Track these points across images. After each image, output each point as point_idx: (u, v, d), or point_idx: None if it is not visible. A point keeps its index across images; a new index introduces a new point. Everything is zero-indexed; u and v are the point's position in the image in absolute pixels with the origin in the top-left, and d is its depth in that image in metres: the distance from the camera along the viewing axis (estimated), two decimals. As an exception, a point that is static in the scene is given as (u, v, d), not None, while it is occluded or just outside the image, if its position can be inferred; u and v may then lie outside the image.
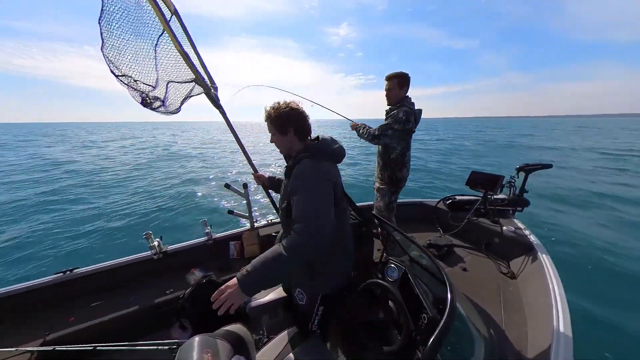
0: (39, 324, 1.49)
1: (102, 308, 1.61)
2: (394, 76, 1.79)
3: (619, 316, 2.51)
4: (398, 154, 1.87)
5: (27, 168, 11.48)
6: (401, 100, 1.82)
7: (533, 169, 2.31)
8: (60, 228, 5.20)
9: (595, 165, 10.22)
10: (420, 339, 0.94)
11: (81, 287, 1.72)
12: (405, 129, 1.77)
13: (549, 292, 1.39)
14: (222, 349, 0.83)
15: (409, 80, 1.81)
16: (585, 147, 15.57)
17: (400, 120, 1.74)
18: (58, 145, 23.00)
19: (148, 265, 1.90)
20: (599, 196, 6.22)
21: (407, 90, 1.84)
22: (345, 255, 1.13)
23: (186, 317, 1.60)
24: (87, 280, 1.73)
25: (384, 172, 1.97)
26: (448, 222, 2.50)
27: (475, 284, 1.76)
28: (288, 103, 0.99)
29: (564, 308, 1.25)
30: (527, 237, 1.96)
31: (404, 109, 1.75)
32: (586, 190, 6.67)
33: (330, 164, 1.01)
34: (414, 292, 1.06)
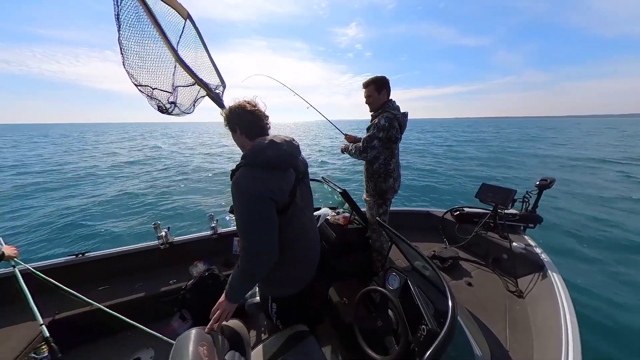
0: (50, 303, 1.56)
1: (107, 293, 1.67)
2: (370, 82, 1.71)
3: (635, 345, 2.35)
4: (381, 163, 1.74)
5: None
6: (382, 105, 1.71)
7: (548, 186, 2.22)
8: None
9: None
10: (417, 351, 0.91)
11: (91, 270, 1.79)
12: (388, 136, 1.65)
13: (558, 313, 1.32)
14: (218, 343, 0.85)
15: (387, 83, 1.70)
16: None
17: (383, 127, 1.62)
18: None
19: (154, 254, 1.96)
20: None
21: (388, 94, 1.73)
22: (295, 263, 1.04)
23: (187, 308, 1.64)
24: (97, 264, 1.80)
25: (369, 183, 1.86)
26: (455, 234, 2.44)
27: (480, 300, 1.70)
28: (243, 101, 0.95)
29: (574, 331, 1.19)
30: (537, 255, 1.88)
31: (385, 115, 1.65)
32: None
33: (267, 172, 0.89)
34: (415, 302, 1.04)
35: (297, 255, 1.04)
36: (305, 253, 1.08)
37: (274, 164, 0.90)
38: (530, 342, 1.36)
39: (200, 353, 0.72)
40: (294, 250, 1.01)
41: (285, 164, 0.93)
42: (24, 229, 4.95)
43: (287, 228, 0.95)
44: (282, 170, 0.93)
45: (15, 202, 6.51)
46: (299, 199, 1.00)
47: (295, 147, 1.00)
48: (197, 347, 0.74)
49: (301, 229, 1.03)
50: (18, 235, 4.72)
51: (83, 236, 4.66)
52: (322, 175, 2.30)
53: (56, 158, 15.16)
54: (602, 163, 11.83)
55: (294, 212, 0.96)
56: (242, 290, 0.94)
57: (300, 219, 1.00)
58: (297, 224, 0.99)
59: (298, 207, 0.98)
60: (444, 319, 0.78)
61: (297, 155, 1.02)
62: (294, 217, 0.97)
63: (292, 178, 0.96)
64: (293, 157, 0.97)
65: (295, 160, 1.00)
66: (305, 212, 1.05)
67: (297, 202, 0.98)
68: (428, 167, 11.44)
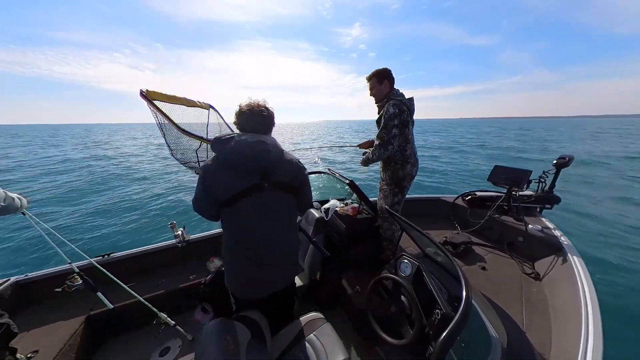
0: (85, 300, 1.69)
1: (134, 290, 1.78)
2: (372, 75, 1.73)
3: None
4: (396, 150, 1.73)
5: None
6: (386, 95, 1.72)
7: (567, 164, 2.12)
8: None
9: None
10: (432, 334, 0.93)
11: (116, 270, 1.91)
12: (401, 120, 1.64)
13: (578, 295, 1.29)
14: (241, 332, 0.89)
15: (388, 74, 1.71)
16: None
17: (394, 114, 1.61)
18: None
19: (173, 253, 2.05)
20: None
21: (391, 85, 1.73)
22: (234, 259, 1.05)
23: (207, 301, 1.72)
24: (121, 264, 1.92)
25: (385, 171, 1.84)
26: (467, 219, 2.40)
27: (495, 284, 1.68)
28: (243, 104, 1.03)
29: (595, 312, 1.16)
30: (555, 237, 1.82)
31: (392, 102, 1.64)
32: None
33: (216, 168, 0.93)
34: (428, 287, 1.05)
35: (235, 252, 1.05)
36: (244, 254, 1.03)
37: (224, 163, 0.93)
38: (549, 324, 1.34)
39: (225, 341, 0.77)
40: (232, 244, 1.05)
41: (241, 167, 0.93)
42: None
43: (228, 220, 1.01)
44: (234, 170, 0.94)
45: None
46: (249, 204, 0.96)
47: (264, 152, 0.94)
48: (222, 335, 0.79)
49: (240, 230, 1.01)
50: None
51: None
52: (328, 167, 2.30)
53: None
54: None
55: (234, 211, 0.96)
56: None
57: (242, 220, 0.98)
58: (235, 224, 1.00)
59: (241, 211, 0.96)
60: (458, 303, 0.78)
61: (265, 161, 0.95)
62: (233, 216, 0.98)
63: (245, 183, 0.94)
64: (256, 161, 0.93)
65: (261, 166, 0.96)
66: (254, 220, 0.99)
67: (240, 206, 0.95)
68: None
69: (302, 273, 1.76)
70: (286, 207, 1.08)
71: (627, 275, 2.97)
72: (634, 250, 3.44)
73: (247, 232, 1.01)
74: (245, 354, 0.85)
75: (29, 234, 4.67)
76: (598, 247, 3.61)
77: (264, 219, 1.01)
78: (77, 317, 1.54)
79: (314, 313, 1.30)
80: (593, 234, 4.02)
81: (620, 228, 4.17)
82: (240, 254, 1.04)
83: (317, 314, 1.29)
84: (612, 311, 2.44)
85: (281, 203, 1.05)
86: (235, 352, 0.79)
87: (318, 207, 2.24)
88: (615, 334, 2.18)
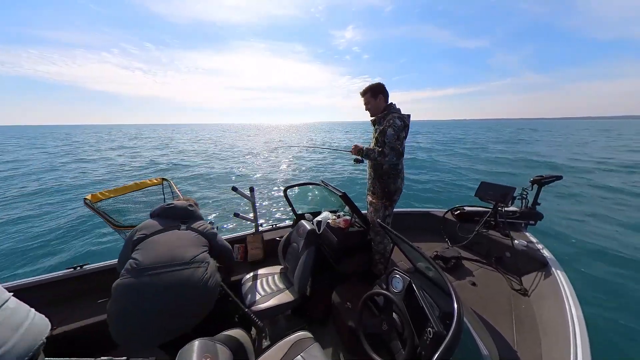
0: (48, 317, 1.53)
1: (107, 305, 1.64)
2: (366, 90, 1.77)
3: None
4: (392, 164, 1.73)
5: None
6: (386, 108, 1.75)
7: (548, 182, 2.23)
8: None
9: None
10: (424, 355, 0.90)
11: (90, 283, 1.76)
12: (403, 135, 1.67)
13: (564, 311, 1.31)
14: (222, 354, 0.83)
15: (382, 88, 1.74)
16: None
17: (400, 127, 1.63)
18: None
19: None
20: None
21: (386, 99, 1.76)
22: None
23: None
24: (96, 277, 1.77)
25: (376, 184, 1.82)
26: (456, 233, 2.43)
27: (485, 300, 1.68)
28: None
29: (581, 328, 1.18)
30: (540, 252, 1.88)
31: (397, 116, 1.66)
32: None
33: (152, 220, 1.34)
34: (419, 304, 1.03)
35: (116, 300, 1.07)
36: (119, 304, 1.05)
37: (160, 218, 1.38)
38: (538, 341, 1.35)
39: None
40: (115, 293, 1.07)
41: (168, 218, 1.38)
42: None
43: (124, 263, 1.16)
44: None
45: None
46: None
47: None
48: (201, 358, 0.72)
49: (122, 277, 1.10)
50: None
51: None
52: (321, 179, 2.30)
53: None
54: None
55: (135, 254, 1.16)
56: None
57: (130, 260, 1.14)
58: (124, 270, 1.12)
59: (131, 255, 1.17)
60: (449, 320, 0.77)
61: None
62: (131, 258, 1.15)
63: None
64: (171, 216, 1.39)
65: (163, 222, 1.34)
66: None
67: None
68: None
69: (291, 288, 1.70)
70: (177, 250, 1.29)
71: (608, 285, 3.07)
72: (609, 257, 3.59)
73: (120, 285, 1.17)
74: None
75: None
76: (577, 257, 3.74)
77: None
78: None
79: (302, 332, 1.23)
80: (570, 244, 4.19)
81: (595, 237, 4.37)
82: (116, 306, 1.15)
83: (306, 333, 1.23)
84: (596, 324, 2.48)
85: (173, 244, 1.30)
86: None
87: (310, 219, 2.21)
88: (602, 349, 2.21)
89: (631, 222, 5.09)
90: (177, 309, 1.05)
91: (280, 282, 1.77)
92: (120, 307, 1.02)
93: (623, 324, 2.51)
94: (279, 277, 1.83)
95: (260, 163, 13.80)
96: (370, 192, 1.92)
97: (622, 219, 5.25)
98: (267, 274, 1.86)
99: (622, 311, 2.69)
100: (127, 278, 1.06)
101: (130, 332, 1.01)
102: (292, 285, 1.70)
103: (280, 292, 1.66)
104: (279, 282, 1.78)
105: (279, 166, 12.64)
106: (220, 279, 1.25)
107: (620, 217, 5.32)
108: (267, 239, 2.32)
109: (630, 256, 3.75)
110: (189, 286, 1.09)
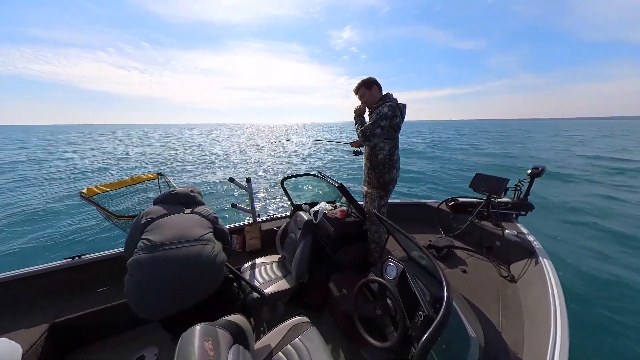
0: (50, 306, 1.56)
1: (107, 293, 1.67)
2: (359, 85, 1.77)
3: (618, 325, 2.49)
4: (386, 154, 1.75)
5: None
6: (382, 98, 1.74)
7: (540, 174, 2.28)
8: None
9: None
10: (415, 336, 0.95)
11: (89, 273, 1.78)
12: (392, 124, 1.66)
13: (548, 297, 1.38)
14: (222, 337, 0.86)
15: (374, 80, 1.75)
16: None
17: (386, 115, 1.61)
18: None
19: None
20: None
21: (380, 90, 1.76)
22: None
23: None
24: (95, 266, 1.79)
25: (371, 174, 1.84)
26: (450, 223, 2.49)
27: (474, 286, 1.76)
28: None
29: (562, 314, 1.25)
30: (529, 242, 1.95)
31: (388, 104, 1.65)
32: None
33: (156, 206, 1.39)
34: (412, 290, 1.07)
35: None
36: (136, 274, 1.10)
37: (164, 204, 1.44)
38: (522, 324, 1.43)
39: (205, 348, 0.73)
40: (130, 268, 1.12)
41: (170, 202, 1.44)
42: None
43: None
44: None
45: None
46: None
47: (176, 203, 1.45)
48: (202, 342, 0.75)
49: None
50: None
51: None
52: (318, 170, 2.31)
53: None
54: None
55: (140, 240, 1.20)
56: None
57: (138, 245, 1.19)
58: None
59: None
60: (439, 304, 0.81)
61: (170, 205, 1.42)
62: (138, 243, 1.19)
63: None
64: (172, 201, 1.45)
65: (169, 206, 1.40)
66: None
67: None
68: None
69: (289, 276, 1.74)
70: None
71: (590, 273, 3.23)
72: (595, 251, 3.75)
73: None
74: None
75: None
76: (565, 248, 3.91)
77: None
78: (40, 325, 1.41)
79: (299, 317, 1.28)
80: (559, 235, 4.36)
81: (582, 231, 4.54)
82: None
83: (303, 318, 1.28)
84: (578, 309, 2.64)
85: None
86: (216, 359, 0.77)
87: (307, 209, 2.24)
88: (580, 332, 2.35)
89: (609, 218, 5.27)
90: (188, 281, 1.11)
91: (278, 271, 1.81)
92: (136, 280, 1.08)
93: (601, 312, 2.66)
94: (277, 265, 1.87)
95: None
96: (366, 182, 1.95)
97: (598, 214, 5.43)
98: (266, 262, 1.90)
99: (601, 299, 2.85)
100: (140, 254, 1.11)
101: (146, 302, 1.07)
102: (290, 274, 1.74)
103: (278, 279, 1.70)
104: (277, 270, 1.82)
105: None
106: (226, 258, 1.30)
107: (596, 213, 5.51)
108: (264, 229, 2.35)
109: (609, 250, 3.92)
110: (199, 261, 1.15)
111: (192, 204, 1.48)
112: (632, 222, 4.86)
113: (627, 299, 2.82)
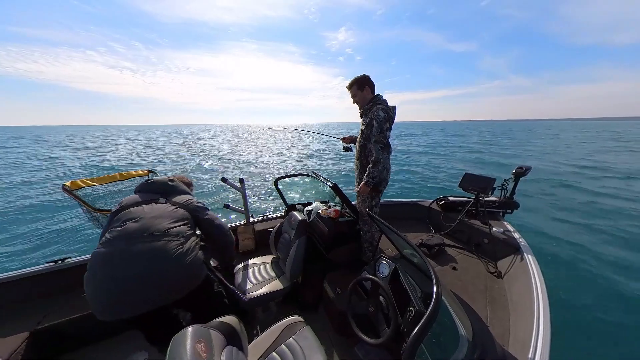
0: (31, 312, 1.49)
1: None
2: (352, 83, 1.79)
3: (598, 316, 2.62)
4: (383, 157, 1.74)
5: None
6: (370, 101, 1.77)
7: (524, 173, 2.38)
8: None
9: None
10: (406, 331, 0.98)
11: (73, 277, 1.72)
12: (387, 127, 1.70)
13: (532, 291, 1.45)
14: (215, 339, 0.86)
15: (367, 79, 1.76)
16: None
17: (385, 118, 1.66)
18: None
19: None
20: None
21: (372, 90, 1.78)
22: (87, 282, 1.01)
23: (182, 308, 1.61)
24: (79, 270, 1.73)
25: (362, 175, 1.84)
26: (440, 222, 2.56)
27: (463, 282, 1.82)
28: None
29: (544, 306, 1.31)
30: (514, 239, 2.03)
31: (381, 107, 1.67)
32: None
33: (134, 195, 1.32)
34: (403, 287, 1.10)
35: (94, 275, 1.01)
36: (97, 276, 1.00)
37: (143, 193, 1.34)
38: (507, 317, 1.49)
39: (198, 350, 0.72)
40: (93, 268, 1.02)
41: (150, 194, 1.33)
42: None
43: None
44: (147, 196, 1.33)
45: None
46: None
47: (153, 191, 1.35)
48: (194, 343, 0.74)
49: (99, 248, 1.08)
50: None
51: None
52: (312, 170, 2.32)
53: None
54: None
55: (112, 229, 1.12)
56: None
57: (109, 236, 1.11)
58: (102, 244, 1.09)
59: (112, 226, 1.15)
60: (429, 300, 0.84)
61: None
62: (110, 233, 1.11)
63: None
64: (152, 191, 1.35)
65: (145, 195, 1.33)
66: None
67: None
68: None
69: (283, 276, 1.74)
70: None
71: (572, 270, 3.40)
72: (580, 246, 3.95)
73: (95, 254, 1.16)
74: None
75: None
76: (549, 244, 4.09)
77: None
78: (21, 333, 1.35)
79: (293, 317, 1.29)
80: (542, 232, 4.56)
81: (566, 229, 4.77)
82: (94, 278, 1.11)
83: (297, 317, 1.28)
84: (559, 303, 2.76)
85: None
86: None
87: (301, 209, 2.24)
88: (561, 324, 2.47)
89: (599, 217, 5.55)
90: (148, 280, 1.01)
91: (272, 271, 1.81)
92: (92, 274, 1.00)
93: (582, 304, 2.80)
94: (271, 266, 1.87)
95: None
96: (358, 183, 1.97)
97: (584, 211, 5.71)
98: (259, 263, 1.89)
99: (582, 292, 3.00)
100: (100, 248, 1.04)
101: (100, 300, 0.98)
102: (284, 274, 1.74)
103: (272, 280, 1.70)
104: (271, 270, 1.82)
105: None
106: (202, 257, 1.19)
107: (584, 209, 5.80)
108: (258, 230, 2.33)
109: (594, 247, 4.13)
110: (160, 257, 1.05)
111: (171, 194, 1.35)
112: (611, 221, 5.14)
113: (607, 297, 2.99)
